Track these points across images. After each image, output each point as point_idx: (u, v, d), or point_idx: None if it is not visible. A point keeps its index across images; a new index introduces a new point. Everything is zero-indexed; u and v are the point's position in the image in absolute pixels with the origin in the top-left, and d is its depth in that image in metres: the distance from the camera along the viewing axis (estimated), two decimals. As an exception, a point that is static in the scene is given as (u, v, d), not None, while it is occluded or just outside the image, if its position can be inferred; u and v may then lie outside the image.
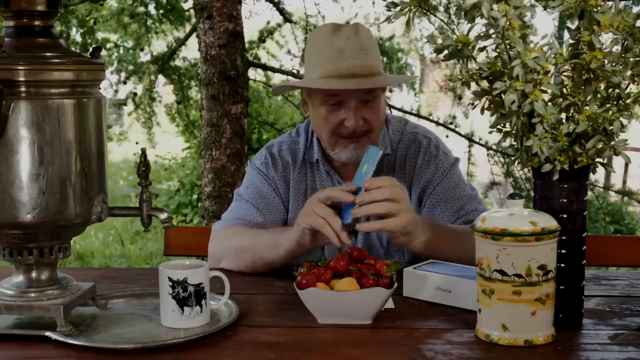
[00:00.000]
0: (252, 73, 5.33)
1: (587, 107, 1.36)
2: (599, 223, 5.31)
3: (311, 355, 1.34)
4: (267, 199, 2.01)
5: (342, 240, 1.65)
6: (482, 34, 1.35)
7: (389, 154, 2.00)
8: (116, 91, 6.05)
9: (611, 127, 1.36)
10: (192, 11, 5.28)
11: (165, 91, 6.60)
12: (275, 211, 2.00)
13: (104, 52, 6.10)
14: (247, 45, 4.82)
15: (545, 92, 1.36)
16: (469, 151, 5.06)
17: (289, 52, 5.91)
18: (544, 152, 1.35)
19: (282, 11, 5.33)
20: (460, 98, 5.33)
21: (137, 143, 6.47)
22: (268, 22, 5.59)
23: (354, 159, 1.91)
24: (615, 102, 1.38)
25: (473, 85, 1.40)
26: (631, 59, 1.34)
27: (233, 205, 2.05)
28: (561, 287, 1.41)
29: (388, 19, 1.42)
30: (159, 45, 6.32)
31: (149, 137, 6.08)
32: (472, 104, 1.41)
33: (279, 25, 5.56)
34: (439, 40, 1.38)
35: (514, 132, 1.39)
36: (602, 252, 2.13)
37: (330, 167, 2.01)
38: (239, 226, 1.97)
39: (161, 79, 6.00)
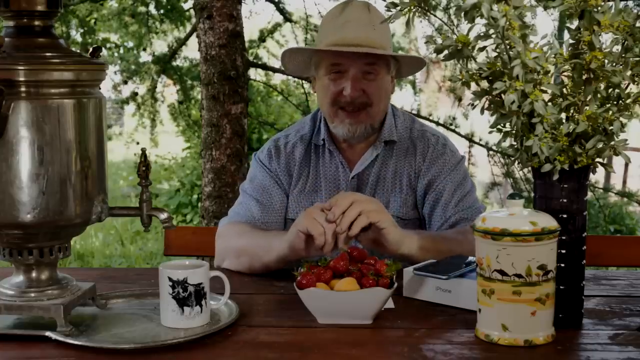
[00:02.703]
0: (252, 73, 5.33)
1: (587, 107, 1.36)
2: (599, 227, 5.31)
3: (311, 355, 1.34)
4: (269, 193, 2.03)
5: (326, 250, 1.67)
6: (482, 34, 1.35)
7: (396, 142, 2.03)
8: (119, 91, 6.06)
9: (611, 127, 1.36)
10: (192, 11, 5.28)
11: (167, 92, 6.60)
12: (277, 204, 2.03)
13: (105, 52, 6.11)
14: (247, 45, 4.82)
15: (545, 92, 1.36)
16: (469, 151, 5.06)
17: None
18: (544, 152, 1.35)
19: (282, 11, 5.33)
20: (460, 99, 5.33)
21: (137, 143, 6.46)
22: (269, 22, 5.60)
23: (350, 135, 1.97)
24: (615, 102, 1.38)
25: (473, 85, 1.40)
26: (631, 59, 1.34)
27: (238, 201, 2.09)
28: (561, 287, 1.41)
29: (388, 19, 1.42)
30: (159, 45, 6.32)
31: (152, 137, 6.08)
32: (472, 104, 1.41)
33: (279, 25, 5.56)
34: (439, 41, 1.38)
35: (514, 132, 1.39)
36: (602, 252, 2.13)
37: (335, 148, 2.05)
38: (241, 224, 1.98)
39: (163, 79, 6.00)
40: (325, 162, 2.05)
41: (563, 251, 1.40)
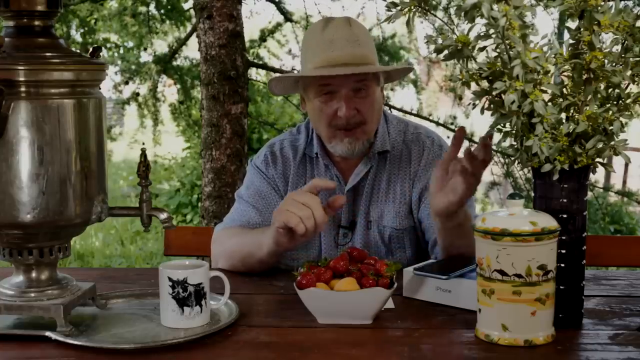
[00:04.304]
0: (252, 73, 5.33)
1: (587, 107, 1.36)
2: (598, 224, 5.30)
3: (311, 355, 1.34)
4: (267, 199, 2.02)
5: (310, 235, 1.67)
6: (482, 34, 1.35)
7: (389, 151, 2.02)
8: (120, 91, 6.05)
9: (611, 127, 1.36)
10: (192, 11, 5.28)
11: (168, 92, 6.60)
12: (274, 211, 2.01)
13: (105, 52, 6.10)
14: (247, 45, 4.82)
15: (545, 92, 1.36)
16: (469, 151, 5.04)
17: (289, 51, 5.91)
18: (544, 152, 1.35)
19: (282, 11, 5.33)
20: (460, 98, 5.33)
21: (143, 143, 6.46)
22: (270, 22, 5.59)
23: (350, 153, 1.96)
24: (615, 102, 1.38)
25: (473, 85, 1.40)
26: (631, 59, 1.34)
27: (234, 207, 2.07)
28: (561, 287, 1.41)
29: (388, 19, 1.42)
30: (159, 45, 6.32)
31: (154, 137, 6.08)
32: (472, 104, 1.41)
33: (280, 25, 5.56)
34: (439, 40, 1.38)
35: (514, 132, 1.39)
36: (602, 252, 2.13)
37: (330, 161, 2.03)
38: (234, 228, 1.99)
39: (163, 78, 6.00)
40: (320, 175, 2.03)
41: (563, 251, 1.40)
